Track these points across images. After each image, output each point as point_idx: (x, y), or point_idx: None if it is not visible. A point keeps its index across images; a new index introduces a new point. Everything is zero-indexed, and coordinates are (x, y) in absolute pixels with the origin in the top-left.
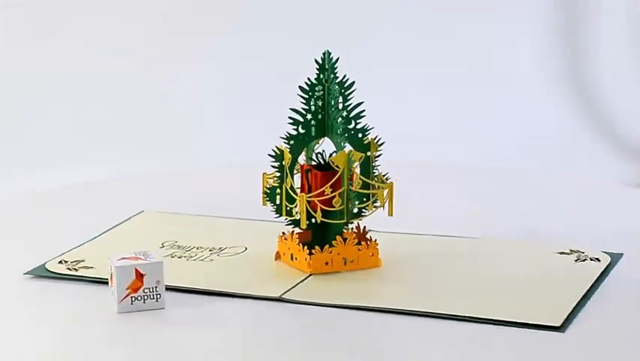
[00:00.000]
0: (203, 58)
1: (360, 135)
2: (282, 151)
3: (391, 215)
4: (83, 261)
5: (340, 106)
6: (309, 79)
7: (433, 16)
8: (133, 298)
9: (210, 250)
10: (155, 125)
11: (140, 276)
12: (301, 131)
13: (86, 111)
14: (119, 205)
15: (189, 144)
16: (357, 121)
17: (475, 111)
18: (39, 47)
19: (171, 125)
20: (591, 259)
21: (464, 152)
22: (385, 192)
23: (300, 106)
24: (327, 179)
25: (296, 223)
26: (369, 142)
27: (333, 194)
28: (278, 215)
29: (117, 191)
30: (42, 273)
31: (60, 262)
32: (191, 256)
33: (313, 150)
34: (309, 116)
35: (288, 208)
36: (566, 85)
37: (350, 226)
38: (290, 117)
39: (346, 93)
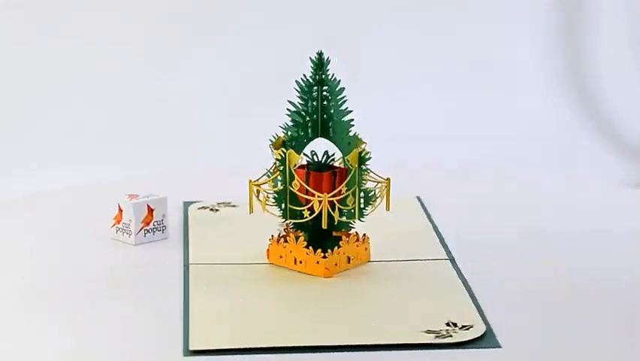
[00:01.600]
0: (203, 58)
1: (349, 144)
2: (285, 154)
3: (324, 227)
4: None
5: (332, 110)
6: (304, 75)
7: (433, 16)
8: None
9: None
10: (155, 125)
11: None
12: (301, 133)
13: (86, 111)
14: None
15: (189, 144)
16: (348, 129)
17: (475, 111)
18: (39, 47)
19: (171, 125)
20: (444, 335)
21: (464, 152)
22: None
23: (297, 108)
24: (330, 179)
25: (302, 228)
26: (354, 154)
27: (347, 193)
28: (284, 220)
29: (116, 191)
30: None
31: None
32: None
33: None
34: (307, 118)
35: (293, 211)
36: (566, 85)
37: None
38: (293, 119)
39: (337, 98)
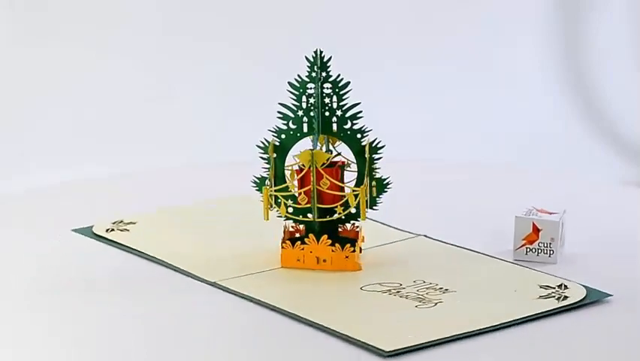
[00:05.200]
0: (203, 58)
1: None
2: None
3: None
4: None
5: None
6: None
7: (433, 16)
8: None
9: None
10: (154, 125)
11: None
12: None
13: (86, 111)
14: (116, 204)
15: (189, 144)
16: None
17: (476, 111)
18: (39, 47)
19: (171, 125)
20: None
21: (464, 152)
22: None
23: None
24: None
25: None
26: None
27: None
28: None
29: (116, 190)
30: None
31: None
32: None
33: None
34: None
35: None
36: (566, 85)
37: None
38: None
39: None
